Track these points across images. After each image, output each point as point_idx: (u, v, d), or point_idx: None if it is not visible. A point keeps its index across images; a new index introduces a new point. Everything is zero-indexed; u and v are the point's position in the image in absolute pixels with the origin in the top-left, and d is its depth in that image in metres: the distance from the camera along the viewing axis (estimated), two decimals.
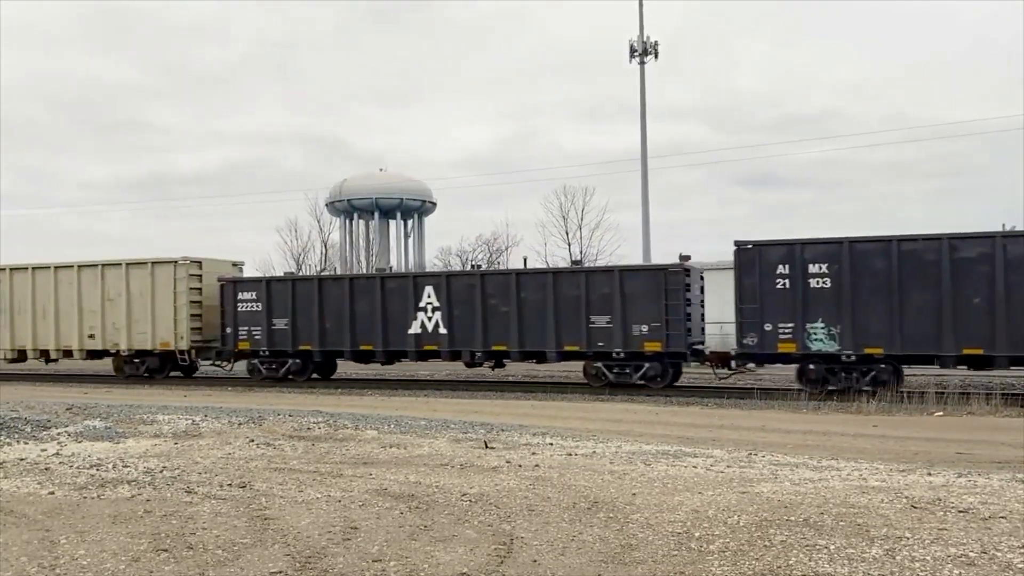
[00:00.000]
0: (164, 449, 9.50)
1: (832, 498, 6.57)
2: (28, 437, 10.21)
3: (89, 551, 5.35)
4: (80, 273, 23.50)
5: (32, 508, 6.54)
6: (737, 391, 17.90)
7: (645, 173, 34.80)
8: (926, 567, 4.79)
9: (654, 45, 34.43)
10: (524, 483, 7.35)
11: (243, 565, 5.04)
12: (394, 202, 52.47)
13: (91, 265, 23.65)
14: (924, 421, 13.34)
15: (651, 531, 5.70)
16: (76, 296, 23.47)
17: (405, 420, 12.52)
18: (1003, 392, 16.03)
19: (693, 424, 12.90)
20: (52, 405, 14.23)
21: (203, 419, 12.09)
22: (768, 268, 16.86)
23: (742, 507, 6.28)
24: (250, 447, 9.58)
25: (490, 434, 10.87)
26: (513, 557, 5.16)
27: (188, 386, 21.68)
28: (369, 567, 4.98)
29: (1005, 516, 5.96)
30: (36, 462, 8.56)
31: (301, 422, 11.77)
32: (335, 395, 18.94)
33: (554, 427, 12.09)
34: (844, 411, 14.59)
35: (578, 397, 17.84)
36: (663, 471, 7.98)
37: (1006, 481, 7.49)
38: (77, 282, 23.52)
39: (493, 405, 16.07)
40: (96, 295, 23.33)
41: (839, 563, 4.89)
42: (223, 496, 6.90)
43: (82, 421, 11.61)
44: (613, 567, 4.96)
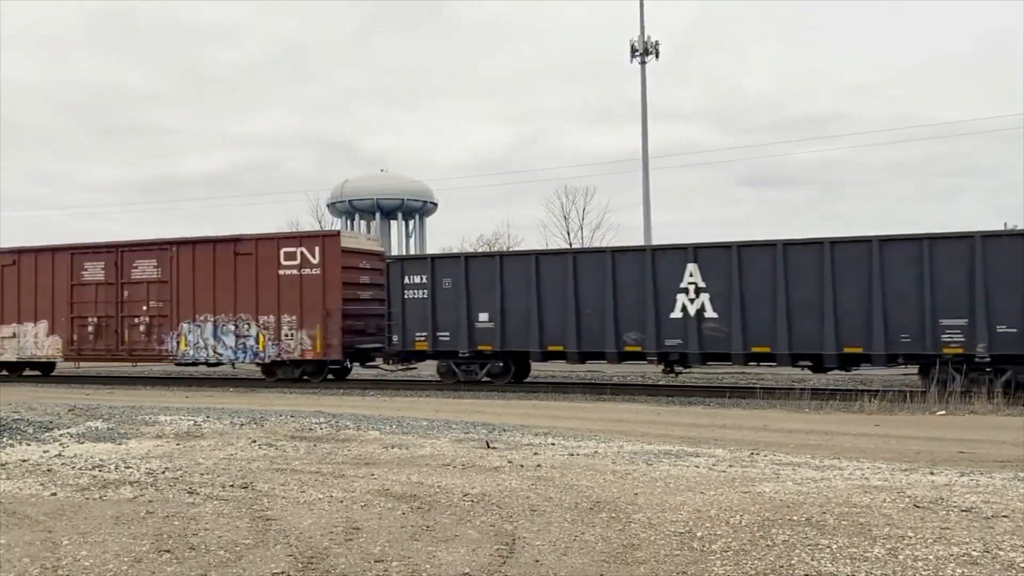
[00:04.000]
0: (166, 450, 9.51)
1: (834, 497, 6.56)
2: (30, 438, 10.22)
3: (91, 552, 5.35)
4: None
5: (34, 509, 6.55)
6: (739, 391, 17.89)
7: (646, 173, 34.80)
8: (928, 566, 4.79)
9: (655, 45, 34.45)
10: (526, 483, 7.35)
11: (245, 566, 5.04)
12: (395, 203, 52.58)
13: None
14: (926, 420, 13.32)
15: (653, 531, 5.70)
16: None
17: (407, 421, 12.51)
18: (1006, 392, 15.99)
19: (695, 424, 12.89)
20: (54, 406, 14.24)
21: (205, 420, 12.09)
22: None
23: (744, 507, 6.27)
24: (252, 448, 9.58)
25: (492, 434, 10.87)
26: (515, 557, 5.16)
27: (190, 387, 21.70)
28: (371, 567, 4.98)
29: (1008, 515, 5.96)
30: (38, 463, 8.57)
31: (303, 423, 11.78)
32: (337, 395, 18.94)
33: (556, 427, 12.09)
34: (846, 411, 14.58)
35: (579, 397, 17.83)
36: (665, 471, 7.97)
37: (1009, 480, 7.48)
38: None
39: (495, 405, 16.06)
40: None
41: (841, 562, 4.88)
42: (225, 497, 6.91)
43: (84, 422, 11.62)
44: (615, 567, 4.96)
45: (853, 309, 16.14)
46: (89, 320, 23.03)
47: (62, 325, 23.33)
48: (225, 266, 21.56)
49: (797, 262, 16.59)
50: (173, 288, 22.09)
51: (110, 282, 22.75)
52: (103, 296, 22.87)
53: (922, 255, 15.74)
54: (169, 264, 22.17)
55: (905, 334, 15.87)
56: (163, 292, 22.23)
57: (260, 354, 21.26)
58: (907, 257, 15.91)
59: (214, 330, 21.67)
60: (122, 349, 22.76)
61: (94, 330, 22.98)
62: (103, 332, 22.88)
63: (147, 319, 22.42)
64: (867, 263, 16.07)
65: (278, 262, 21.04)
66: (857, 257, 16.18)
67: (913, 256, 15.85)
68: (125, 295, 22.65)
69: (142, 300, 22.48)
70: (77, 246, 23.79)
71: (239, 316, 21.44)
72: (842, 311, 16.20)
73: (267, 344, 21.16)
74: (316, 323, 20.62)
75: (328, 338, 20.56)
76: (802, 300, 16.49)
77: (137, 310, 22.54)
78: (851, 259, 16.21)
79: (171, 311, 22.09)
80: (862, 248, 16.22)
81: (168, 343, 22.13)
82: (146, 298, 22.42)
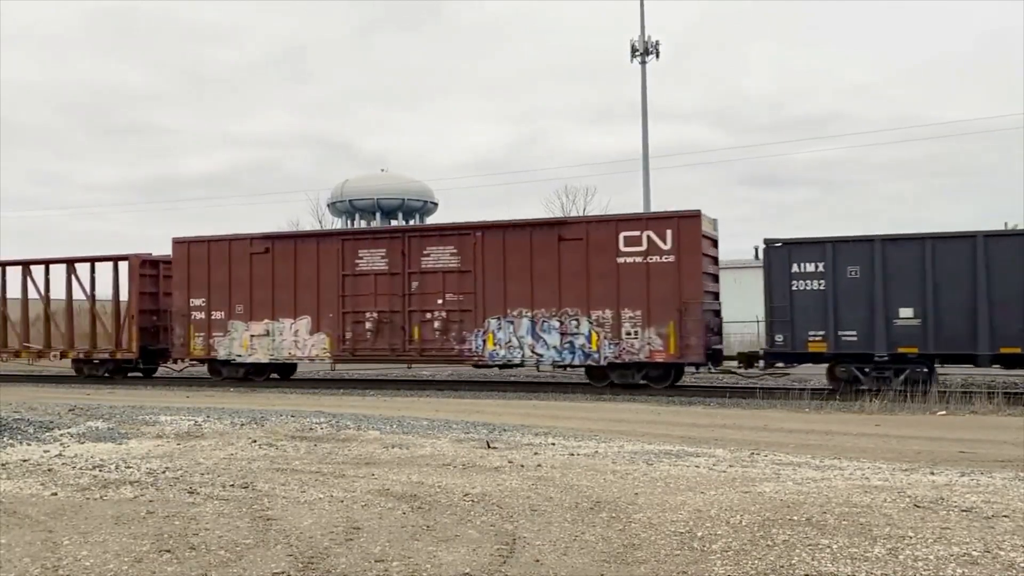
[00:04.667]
0: (167, 450, 9.51)
1: (835, 497, 6.56)
2: (31, 438, 10.22)
3: (92, 552, 5.35)
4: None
5: (35, 509, 6.55)
6: (739, 391, 17.89)
7: (647, 173, 34.78)
8: (929, 566, 4.79)
9: (655, 45, 34.45)
10: (526, 483, 7.35)
11: (246, 565, 5.04)
12: (395, 203, 52.56)
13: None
14: (927, 420, 13.32)
15: (653, 531, 5.70)
16: None
17: (407, 420, 12.52)
18: (1005, 391, 16.00)
19: (695, 424, 12.89)
20: (55, 406, 14.24)
21: (205, 420, 12.10)
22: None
23: (745, 506, 6.27)
24: (253, 448, 9.58)
25: (492, 434, 10.87)
26: (515, 557, 5.16)
27: (190, 387, 21.70)
28: (372, 567, 4.98)
29: (1008, 515, 5.96)
30: (39, 463, 8.57)
31: (303, 423, 11.78)
32: (337, 396, 18.94)
33: (556, 427, 12.09)
34: (846, 411, 14.58)
35: (580, 397, 17.84)
36: (665, 471, 7.97)
37: (1009, 480, 7.48)
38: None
39: (495, 405, 16.06)
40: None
41: (842, 562, 4.88)
42: (226, 497, 6.91)
43: (85, 422, 11.62)
44: (615, 567, 4.96)
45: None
46: (367, 316, 20.07)
47: (330, 322, 20.36)
48: (546, 253, 18.66)
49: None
50: (477, 279, 19.13)
51: (394, 272, 19.85)
52: (384, 288, 19.93)
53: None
54: (472, 251, 19.23)
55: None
56: (464, 283, 19.28)
57: (593, 355, 18.29)
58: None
59: (531, 327, 18.75)
60: (410, 349, 19.75)
61: (373, 327, 19.97)
62: (384, 330, 19.89)
63: (443, 314, 19.45)
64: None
65: (616, 248, 18.04)
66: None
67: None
68: (413, 287, 19.67)
69: (436, 292, 19.48)
70: (350, 231, 21.69)
71: (564, 311, 18.50)
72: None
73: (602, 343, 18.19)
74: (668, 319, 17.64)
75: (685, 337, 17.50)
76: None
77: (430, 304, 19.55)
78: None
79: (475, 305, 19.12)
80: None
81: (471, 342, 19.16)
82: (441, 290, 19.44)
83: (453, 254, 19.50)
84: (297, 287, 20.72)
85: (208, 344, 21.66)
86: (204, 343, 21.69)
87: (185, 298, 21.90)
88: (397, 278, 19.85)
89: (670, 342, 17.63)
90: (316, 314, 20.56)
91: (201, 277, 21.71)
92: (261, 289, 21.06)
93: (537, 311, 18.75)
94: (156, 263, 23.53)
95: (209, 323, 21.63)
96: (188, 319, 21.83)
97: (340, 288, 20.32)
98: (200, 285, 21.70)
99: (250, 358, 21.27)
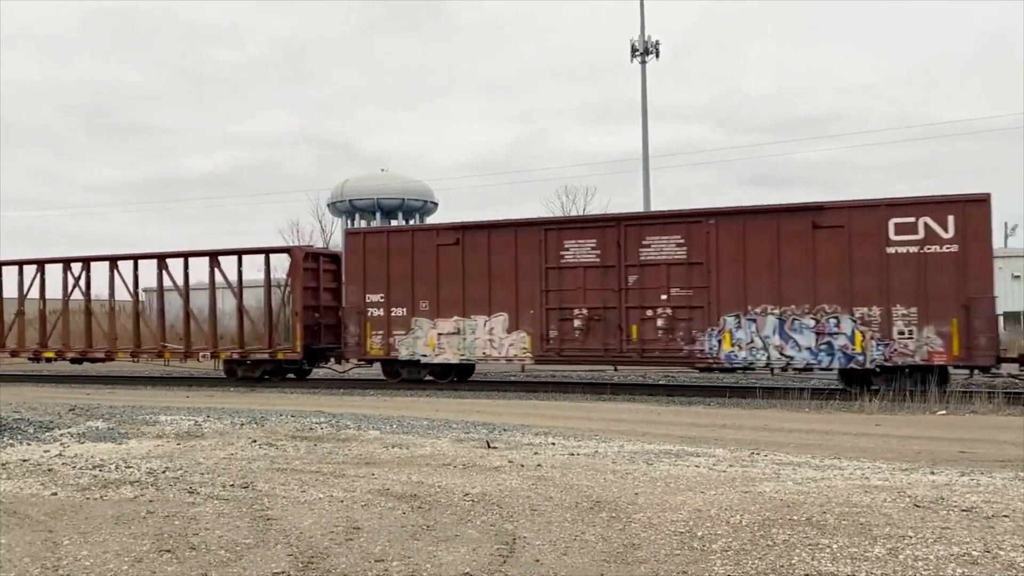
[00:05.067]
0: (167, 450, 9.51)
1: (835, 497, 6.56)
2: (31, 438, 10.22)
3: (92, 552, 5.35)
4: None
5: (35, 509, 6.55)
6: (739, 391, 17.89)
7: (647, 172, 34.80)
8: (929, 566, 4.79)
9: (655, 44, 34.49)
10: (526, 483, 7.35)
11: (246, 565, 5.04)
12: (396, 202, 52.60)
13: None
14: (927, 420, 13.32)
15: (653, 530, 5.70)
16: None
17: (407, 420, 12.52)
18: (1006, 391, 16.00)
19: (695, 424, 12.89)
20: (55, 406, 14.24)
21: (205, 420, 12.10)
22: None
23: (744, 506, 6.27)
24: (253, 448, 9.58)
25: (492, 434, 10.87)
26: (515, 557, 5.16)
27: (190, 387, 21.70)
28: (372, 567, 4.98)
29: (1008, 515, 5.96)
30: (39, 463, 8.57)
31: (303, 423, 11.78)
32: (337, 396, 18.95)
33: (556, 427, 12.09)
34: (847, 410, 14.58)
35: (580, 397, 17.84)
36: (665, 470, 7.97)
37: (1009, 480, 7.48)
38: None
39: (495, 405, 16.06)
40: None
41: (842, 562, 4.88)
42: (226, 496, 6.91)
43: (85, 422, 11.62)
44: (616, 567, 4.96)
45: None
46: (575, 312, 18.33)
47: (530, 319, 18.72)
48: (796, 243, 16.74)
49: None
50: (710, 272, 17.34)
51: (608, 264, 18.07)
52: (595, 282, 18.19)
53: None
54: (704, 241, 17.42)
55: None
56: (693, 277, 17.49)
57: (856, 357, 16.38)
58: None
59: (779, 326, 16.91)
60: (629, 348, 18.00)
61: (583, 325, 18.24)
62: (595, 328, 18.17)
63: (667, 311, 17.64)
64: None
65: (885, 237, 16.23)
66: None
67: None
68: (631, 281, 17.92)
69: (659, 287, 17.69)
70: (554, 220, 19.75)
71: (820, 308, 16.64)
72: None
73: (868, 344, 16.27)
74: (950, 317, 15.83)
75: (972, 336, 15.73)
76: None
77: (652, 300, 17.73)
78: None
79: (707, 301, 17.34)
80: None
81: (703, 342, 17.36)
82: (665, 284, 17.64)
83: (679, 244, 17.65)
84: (492, 281, 19.06)
85: (388, 343, 20.00)
86: (383, 342, 20.05)
87: (361, 294, 20.24)
88: (611, 271, 18.06)
89: (953, 342, 15.83)
90: (514, 311, 18.90)
91: (379, 271, 20.05)
92: (450, 284, 19.40)
93: (786, 308, 16.86)
94: (316, 256, 22.33)
95: (389, 321, 19.98)
96: (364, 316, 20.17)
97: (543, 282, 18.63)
98: (378, 279, 20.05)
99: (437, 358, 19.64)
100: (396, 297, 19.88)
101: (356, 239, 20.91)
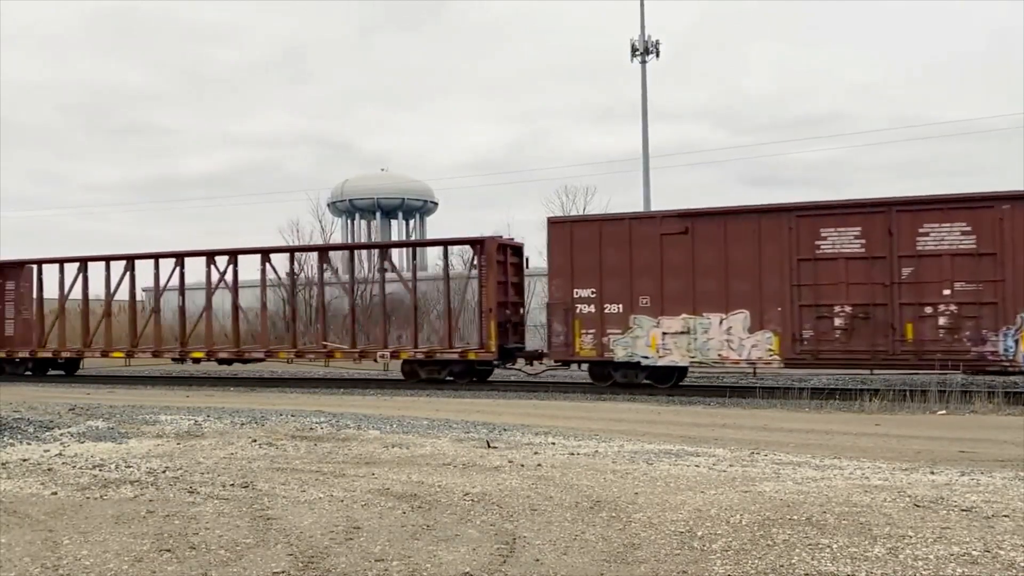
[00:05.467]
0: (167, 449, 9.51)
1: (835, 497, 6.56)
2: (31, 438, 10.22)
3: (92, 551, 5.35)
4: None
5: (35, 509, 6.55)
6: (739, 391, 17.89)
7: (647, 172, 34.79)
8: (929, 566, 4.79)
9: (655, 44, 34.48)
10: (526, 482, 7.35)
11: (246, 565, 5.04)
12: (396, 202, 52.60)
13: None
14: (927, 420, 13.32)
15: (653, 530, 5.70)
16: None
17: (407, 420, 12.52)
18: (1006, 391, 16.01)
19: (695, 423, 12.89)
20: (55, 406, 14.24)
21: (205, 419, 12.10)
22: None
23: (745, 506, 6.27)
24: (253, 447, 9.58)
25: (492, 434, 10.87)
26: (516, 556, 5.16)
27: (190, 387, 21.70)
28: (372, 567, 4.98)
29: (1008, 514, 5.95)
30: (39, 463, 8.57)
31: (303, 422, 11.78)
32: (337, 395, 18.95)
33: (556, 427, 12.09)
34: (847, 410, 14.59)
35: (580, 396, 17.83)
36: (665, 470, 7.97)
37: (1009, 479, 7.48)
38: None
39: (495, 405, 16.06)
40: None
41: (842, 562, 4.88)
42: (226, 496, 6.91)
43: (85, 422, 11.62)
44: (616, 566, 4.96)
45: None
46: (835, 310, 16.44)
47: (777, 317, 16.75)
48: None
49: None
50: (1005, 264, 15.42)
51: (876, 255, 16.16)
52: (860, 275, 16.28)
53: None
54: (994, 228, 15.46)
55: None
56: (981, 269, 15.56)
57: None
58: None
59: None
60: (903, 351, 16.07)
61: (845, 324, 16.33)
62: (861, 327, 16.25)
63: (951, 309, 15.73)
64: None
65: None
66: None
67: None
68: (904, 274, 16.01)
69: (939, 281, 15.77)
70: (806, 206, 17.27)
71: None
72: None
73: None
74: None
75: None
76: None
77: (930, 295, 15.84)
78: None
79: (1000, 296, 15.44)
80: None
81: (995, 343, 15.45)
82: (948, 278, 15.69)
83: (965, 232, 15.70)
84: (730, 274, 17.12)
85: (600, 343, 18.05)
86: (595, 342, 18.10)
87: (568, 288, 18.33)
88: (880, 263, 16.16)
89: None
90: (757, 308, 16.94)
91: (589, 263, 18.13)
92: (676, 277, 17.46)
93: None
94: (504, 248, 20.92)
95: (602, 318, 18.04)
96: (572, 313, 18.26)
97: (793, 276, 16.69)
98: (588, 273, 18.13)
99: (661, 360, 17.67)
100: (610, 292, 17.99)
101: (562, 228, 18.82)
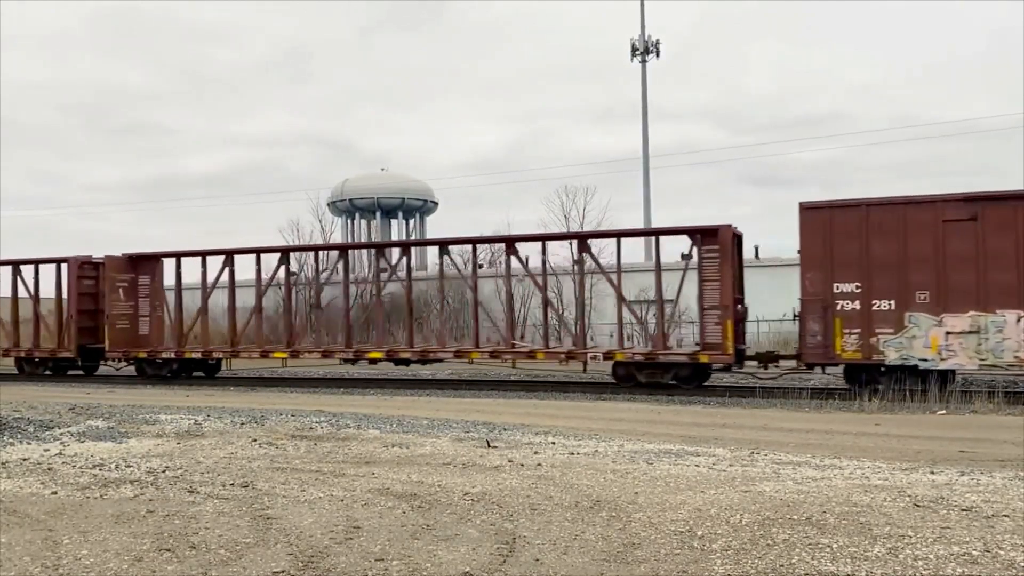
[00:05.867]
0: (167, 449, 9.51)
1: (835, 497, 6.56)
2: (31, 437, 10.22)
3: (92, 551, 5.35)
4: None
5: (35, 508, 6.55)
6: (739, 391, 17.89)
7: (647, 172, 34.81)
8: (929, 566, 4.79)
9: (656, 44, 34.51)
10: (526, 482, 7.35)
11: (246, 564, 5.04)
12: (396, 202, 52.61)
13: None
14: (927, 420, 13.32)
15: (653, 530, 5.70)
16: None
17: (407, 420, 12.52)
18: (1006, 390, 16.01)
19: (695, 423, 12.89)
20: (55, 405, 14.24)
21: (205, 419, 12.10)
22: None
23: (744, 506, 6.27)
24: (253, 447, 9.58)
25: (492, 433, 10.87)
26: (515, 556, 5.16)
27: (190, 387, 21.69)
28: (372, 566, 4.98)
29: (1008, 514, 5.96)
30: (39, 462, 8.57)
31: (303, 422, 11.78)
32: (337, 395, 18.95)
33: (556, 426, 12.09)
34: (846, 410, 14.58)
35: (580, 396, 17.83)
36: (665, 470, 7.97)
37: (1009, 479, 7.48)
38: None
39: (495, 404, 16.06)
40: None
41: (842, 562, 4.88)
42: (226, 496, 6.91)
43: (85, 421, 11.62)
44: (616, 566, 4.96)
45: None
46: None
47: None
48: None
49: None
50: None
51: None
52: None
53: None
54: None
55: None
56: None
57: None
58: None
59: None
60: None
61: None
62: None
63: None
64: None
65: None
66: None
67: None
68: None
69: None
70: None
71: None
72: None
73: None
74: None
75: None
76: None
77: None
78: None
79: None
80: None
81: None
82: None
83: None
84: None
85: (867, 344, 16.25)
86: (860, 342, 16.28)
87: (826, 282, 16.53)
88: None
89: None
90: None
91: (852, 254, 16.39)
92: (961, 270, 15.65)
93: None
94: (739, 238, 18.50)
95: (869, 316, 16.24)
96: (832, 310, 16.49)
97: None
98: (850, 265, 16.38)
99: (944, 363, 15.79)
100: (879, 287, 16.22)
101: (818, 215, 16.80)
